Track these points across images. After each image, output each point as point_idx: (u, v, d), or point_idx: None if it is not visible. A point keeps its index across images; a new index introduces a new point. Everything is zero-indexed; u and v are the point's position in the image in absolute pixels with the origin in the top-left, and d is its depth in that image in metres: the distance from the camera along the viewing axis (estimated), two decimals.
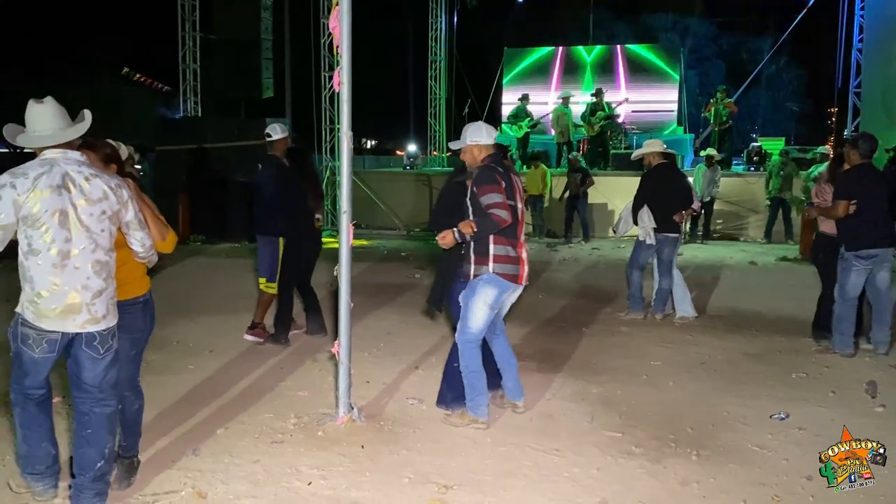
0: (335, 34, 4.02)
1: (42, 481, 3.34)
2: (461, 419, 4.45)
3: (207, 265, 10.55)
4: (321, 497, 3.51)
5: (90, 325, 3.13)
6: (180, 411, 4.62)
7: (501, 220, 4.12)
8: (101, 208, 3.14)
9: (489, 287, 4.27)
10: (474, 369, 4.35)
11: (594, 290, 8.80)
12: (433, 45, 19.67)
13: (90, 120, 3.29)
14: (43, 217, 3.02)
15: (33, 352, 3.13)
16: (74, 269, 3.08)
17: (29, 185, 3.01)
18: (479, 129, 4.41)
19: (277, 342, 6.23)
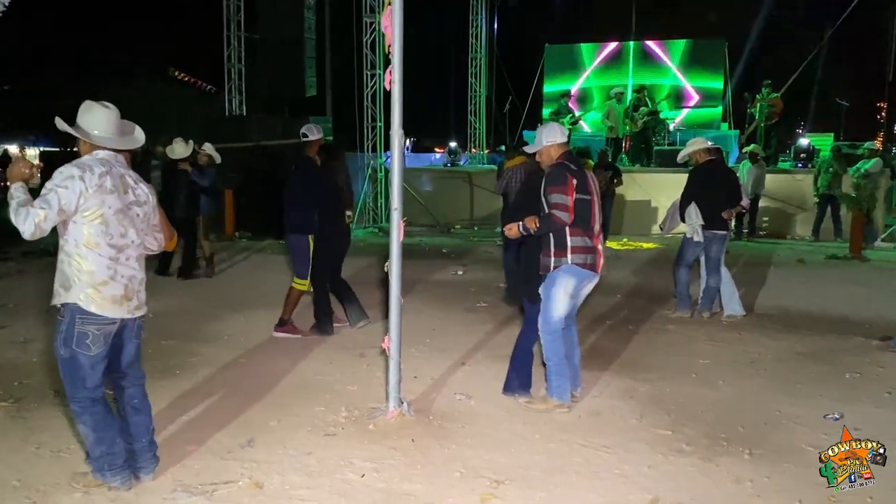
0: (387, 33, 4.07)
1: (121, 474, 3.48)
2: (545, 404, 4.63)
3: (254, 261, 10.72)
4: (375, 489, 3.56)
5: (137, 310, 3.48)
6: (233, 403, 4.72)
7: (560, 222, 4.38)
8: (145, 210, 3.51)
9: (568, 277, 4.48)
10: (559, 357, 4.57)
11: (639, 287, 8.74)
12: (473, 43, 19.66)
13: (142, 137, 3.57)
14: (105, 212, 3.27)
15: (90, 351, 3.30)
16: (127, 260, 3.40)
17: (95, 181, 3.25)
18: (554, 130, 4.62)
19: (325, 333, 6.40)
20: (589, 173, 4.62)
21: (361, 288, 7.90)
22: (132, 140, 3.53)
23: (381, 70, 15.48)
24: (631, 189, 14.06)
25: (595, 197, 4.56)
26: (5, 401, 4.70)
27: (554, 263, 4.50)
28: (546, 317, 4.56)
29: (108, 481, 3.46)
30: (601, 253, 4.62)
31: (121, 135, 3.46)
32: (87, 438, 3.44)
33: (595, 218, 4.56)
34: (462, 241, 13.44)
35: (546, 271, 4.56)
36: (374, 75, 15.49)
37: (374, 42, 15.47)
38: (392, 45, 4.06)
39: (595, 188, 4.61)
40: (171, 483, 3.58)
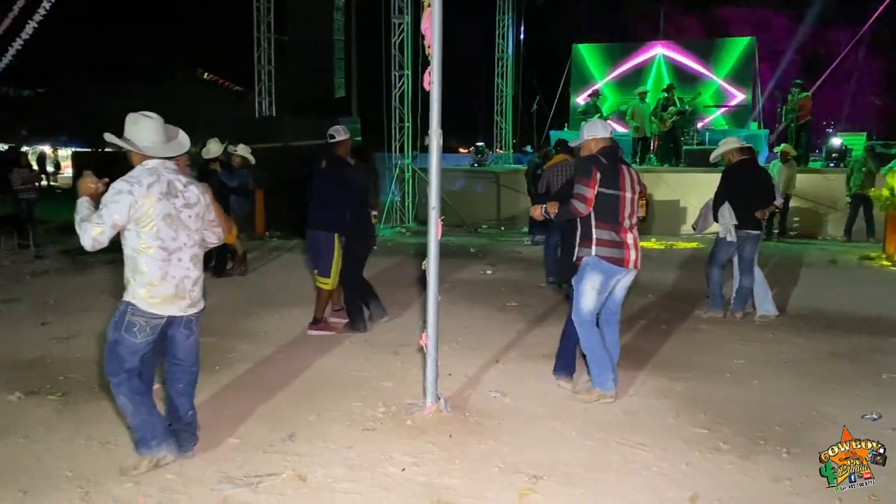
0: (427, 35, 4.12)
1: (163, 442, 3.70)
2: (589, 395, 4.76)
3: (286, 260, 10.84)
4: (415, 483, 3.62)
5: (190, 308, 3.70)
6: (273, 398, 4.81)
7: (575, 211, 4.54)
8: (197, 210, 3.71)
9: (594, 271, 4.58)
10: (594, 347, 4.68)
11: (670, 287, 8.72)
12: (500, 43, 19.67)
13: (187, 142, 3.76)
14: (154, 219, 3.52)
15: (136, 339, 3.57)
16: (178, 261, 3.62)
17: (144, 192, 3.49)
18: (595, 125, 4.76)
19: (358, 330, 6.51)
20: (628, 170, 4.70)
21: (392, 287, 8.02)
22: (178, 145, 3.71)
23: (409, 71, 15.58)
24: (660, 189, 14.00)
25: (628, 192, 4.62)
26: (53, 394, 4.84)
27: (580, 253, 4.65)
28: (577, 308, 4.70)
29: (153, 452, 3.66)
30: (632, 247, 4.65)
31: (167, 141, 3.66)
32: (126, 410, 3.66)
33: (625, 213, 4.62)
34: (489, 240, 13.47)
35: (576, 260, 4.69)
36: (401, 76, 15.58)
37: (401, 43, 15.57)
38: (431, 46, 4.12)
39: (631, 184, 4.66)
40: (216, 475, 3.67)
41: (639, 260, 4.71)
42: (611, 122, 17.14)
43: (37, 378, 5.20)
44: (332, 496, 3.48)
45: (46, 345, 6.07)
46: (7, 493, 3.48)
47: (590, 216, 4.58)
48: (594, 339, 4.70)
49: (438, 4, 4.07)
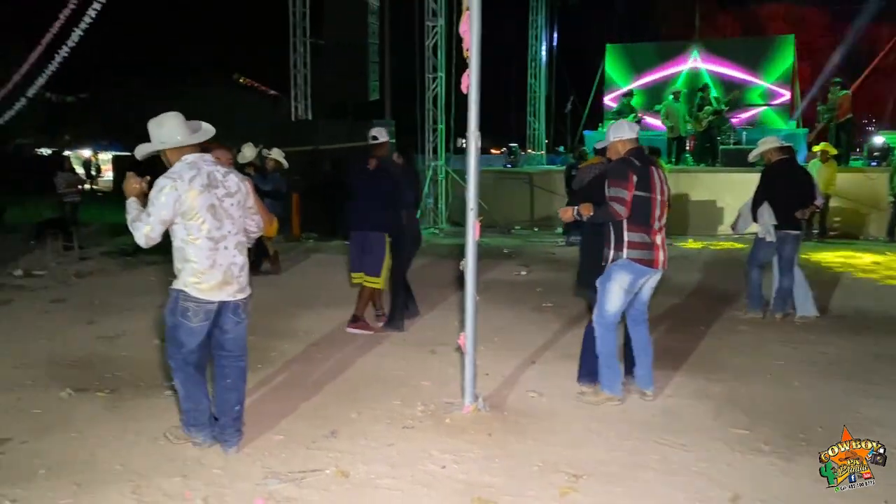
0: (465, 38, 4.17)
1: (203, 432, 3.95)
2: (596, 397, 4.73)
3: (322, 262, 10.96)
4: (456, 481, 3.66)
5: (239, 293, 3.85)
6: (314, 396, 4.89)
7: (615, 214, 4.47)
8: (238, 199, 3.85)
9: (624, 272, 4.55)
10: (610, 351, 4.67)
11: (708, 288, 8.65)
12: (533, 44, 19.69)
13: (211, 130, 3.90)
14: (199, 211, 3.66)
15: (191, 322, 3.75)
16: (225, 249, 3.77)
17: (186, 186, 3.62)
18: (622, 126, 4.72)
19: (397, 329, 6.61)
20: (657, 171, 4.67)
21: (427, 287, 8.07)
22: (205, 133, 3.87)
23: (443, 73, 15.65)
24: (696, 189, 13.89)
25: (658, 195, 4.59)
26: (102, 391, 4.98)
27: (612, 256, 4.60)
28: (601, 310, 4.65)
29: (192, 436, 3.93)
30: (661, 247, 4.64)
31: (193, 132, 3.82)
32: (180, 393, 3.92)
33: (655, 215, 4.58)
34: (523, 241, 13.48)
35: (605, 263, 4.66)
36: (435, 78, 15.66)
37: (435, 46, 15.64)
38: (470, 49, 4.16)
39: (661, 186, 4.64)
40: (261, 470, 3.75)
41: (667, 260, 4.70)
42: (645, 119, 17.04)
43: (86, 375, 5.35)
44: (374, 492, 3.54)
45: (93, 343, 6.24)
46: (63, 485, 3.60)
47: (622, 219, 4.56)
48: (612, 343, 4.68)
49: (477, 8, 4.12)
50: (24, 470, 3.77)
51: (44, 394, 4.96)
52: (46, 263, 10.39)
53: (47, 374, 5.37)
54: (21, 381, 5.22)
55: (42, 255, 11.00)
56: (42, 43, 10.39)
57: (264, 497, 3.47)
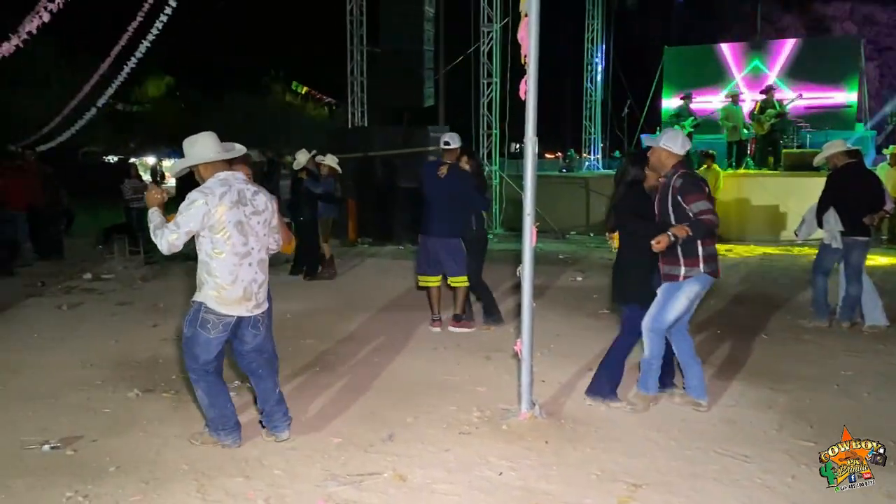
0: (523, 44, 4.17)
1: (231, 434, 4.08)
2: (642, 400, 4.71)
3: (377, 266, 11.08)
4: (513, 487, 3.66)
5: (256, 309, 3.98)
6: (371, 399, 4.95)
7: (714, 225, 4.43)
8: (265, 217, 3.98)
9: (698, 285, 4.55)
10: (659, 356, 4.67)
11: (770, 295, 8.43)
12: (589, 48, 19.53)
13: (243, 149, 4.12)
14: (226, 226, 3.80)
15: (209, 333, 3.88)
16: (248, 266, 3.90)
17: (216, 201, 3.77)
18: (676, 138, 4.63)
19: (498, 322, 6.90)
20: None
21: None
22: (236, 150, 4.04)
23: (497, 78, 15.66)
24: (757, 193, 13.56)
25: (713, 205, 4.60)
26: (167, 392, 5.14)
27: (685, 273, 4.52)
28: (660, 317, 4.59)
29: (221, 439, 4.05)
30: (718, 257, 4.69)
31: (222, 151, 3.98)
32: (203, 402, 4.04)
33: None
34: (578, 247, 13.36)
35: (674, 279, 4.56)
36: (490, 84, 15.68)
37: (490, 51, 15.67)
38: (528, 55, 4.16)
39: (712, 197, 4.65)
40: (321, 472, 3.81)
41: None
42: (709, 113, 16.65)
43: (151, 376, 5.53)
44: (431, 497, 3.56)
45: (158, 345, 6.44)
46: (131, 482, 3.73)
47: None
48: (661, 349, 4.68)
49: (535, 14, 4.12)
50: (95, 467, 3.92)
51: (112, 393, 5.14)
52: (113, 267, 10.77)
53: (116, 375, 5.56)
54: (91, 380, 5.42)
55: (109, 260, 11.41)
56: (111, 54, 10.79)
57: (324, 499, 3.53)
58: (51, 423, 4.56)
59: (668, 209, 4.53)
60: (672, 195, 4.50)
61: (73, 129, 14.43)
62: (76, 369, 5.70)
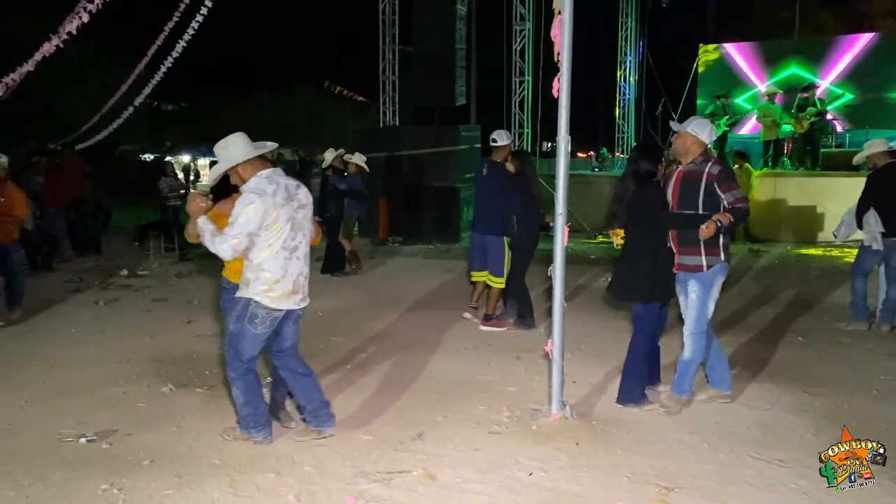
0: (556, 42, 4.14)
1: (263, 431, 4.12)
2: (676, 403, 4.66)
3: (406, 265, 11.10)
4: (543, 488, 3.64)
5: (302, 302, 4.02)
6: (401, 398, 4.96)
7: (748, 213, 4.50)
8: (306, 211, 4.02)
9: (720, 276, 4.54)
10: (700, 358, 4.64)
11: (807, 298, 8.26)
12: (622, 46, 19.36)
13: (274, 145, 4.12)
14: (280, 222, 3.82)
15: (256, 329, 3.89)
16: (297, 260, 3.93)
17: (270, 200, 3.79)
18: (705, 125, 4.62)
19: (529, 327, 6.83)
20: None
21: None
22: (266, 146, 4.02)
23: (530, 77, 15.60)
24: (794, 194, 13.32)
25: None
26: (201, 387, 5.20)
27: (708, 262, 4.49)
28: (700, 316, 4.56)
29: (252, 436, 4.11)
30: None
31: (255, 148, 3.96)
32: (238, 401, 4.05)
33: None
34: (609, 247, 13.23)
35: (695, 271, 4.52)
36: (522, 82, 15.63)
37: (522, 49, 15.61)
38: (561, 53, 4.13)
39: None
40: (351, 470, 3.83)
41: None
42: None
43: (185, 372, 5.60)
44: (461, 496, 3.56)
45: (193, 342, 6.52)
46: (164, 476, 3.78)
47: None
48: (703, 351, 4.64)
49: (569, 11, 4.08)
50: (129, 460, 3.98)
51: (147, 388, 5.23)
52: (149, 264, 10.94)
53: (150, 370, 5.65)
54: (127, 375, 5.51)
55: (145, 257, 11.59)
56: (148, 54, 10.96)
57: (354, 496, 3.54)
58: (87, 416, 4.65)
59: (699, 196, 4.47)
60: (706, 182, 4.46)
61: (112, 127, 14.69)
62: (112, 364, 5.80)
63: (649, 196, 4.63)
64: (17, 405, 4.87)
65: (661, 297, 4.73)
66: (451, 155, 13.69)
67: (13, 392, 5.12)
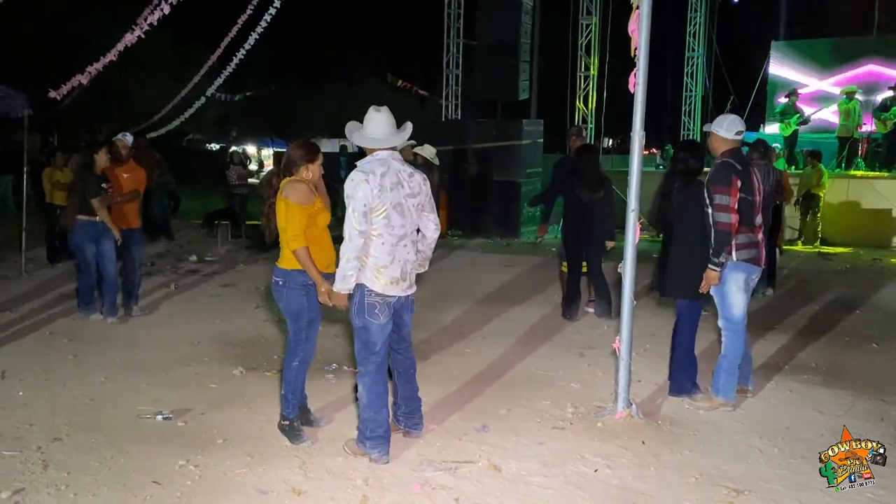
0: (634, 37, 4.10)
1: (379, 445, 3.81)
2: (709, 402, 4.66)
3: (467, 258, 11.13)
4: (609, 485, 3.63)
5: (409, 289, 3.90)
6: (464, 390, 5.01)
7: (725, 225, 4.42)
8: (418, 200, 3.86)
9: (737, 272, 4.56)
10: (738, 356, 4.64)
11: (882, 304, 8.00)
12: (690, 41, 18.92)
13: (411, 129, 3.95)
14: (386, 207, 3.69)
15: (378, 320, 3.78)
16: (403, 247, 3.80)
17: (378, 181, 3.68)
18: (722, 121, 4.65)
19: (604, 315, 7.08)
20: (757, 173, 4.67)
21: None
22: (401, 136, 3.87)
23: (595, 72, 15.43)
24: (868, 196, 12.86)
25: (758, 196, 4.58)
26: (270, 371, 5.35)
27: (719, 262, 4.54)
28: (726, 315, 4.62)
29: (367, 451, 3.83)
30: (763, 245, 4.66)
31: (394, 133, 3.84)
32: (362, 400, 3.87)
33: (757, 215, 4.59)
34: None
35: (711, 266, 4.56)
36: (587, 77, 15.47)
37: (588, 44, 15.44)
38: (638, 48, 4.09)
39: (759, 186, 4.62)
40: (417, 458, 3.88)
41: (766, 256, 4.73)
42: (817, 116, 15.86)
43: (254, 355, 5.76)
44: (527, 488, 3.58)
45: (260, 326, 6.69)
46: (237, 455, 3.91)
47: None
48: (742, 348, 4.65)
49: (647, 6, 4.04)
50: (203, 439, 4.13)
51: (218, 370, 5.39)
52: (217, 251, 11.24)
53: (220, 353, 5.82)
54: (198, 357, 5.69)
55: (213, 243, 11.91)
56: (221, 46, 11.24)
57: (420, 483, 3.60)
58: (163, 394, 4.83)
59: (705, 199, 4.54)
60: (706, 183, 4.55)
61: (184, 116, 15.12)
62: (185, 346, 6.00)
63: (694, 193, 4.69)
64: (96, 382, 5.09)
65: (696, 293, 4.74)
66: (513, 149, 13.65)
67: (94, 369, 5.35)
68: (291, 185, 3.99)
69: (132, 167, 7.16)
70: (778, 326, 6.84)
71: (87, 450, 3.95)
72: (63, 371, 5.29)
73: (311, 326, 4.21)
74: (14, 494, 3.44)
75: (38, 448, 3.96)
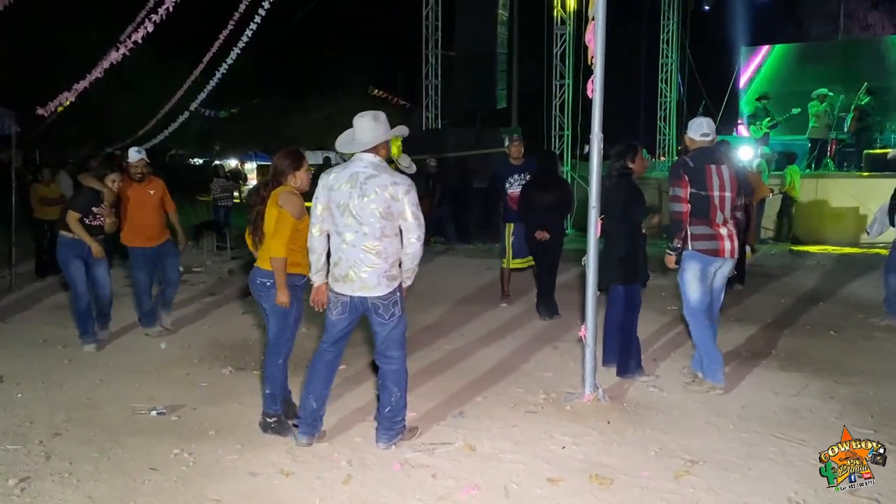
0: (590, 46, 4.43)
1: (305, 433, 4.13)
2: (700, 386, 4.99)
3: (449, 264, 11.40)
4: (575, 459, 3.92)
5: (363, 291, 3.89)
6: (443, 381, 5.29)
7: (677, 213, 4.92)
8: (377, 205, 3.79)
9: (692, 262, 4.95)
10: (705, 338, 4.95)
11: (842, 295, 8.37)
12: (664, 48, 19.39)
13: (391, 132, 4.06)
14: (333, 207, 3.88)
15: (331, 314, 4.01)
16: (352, 247, 3.85)
17: (327, 180, 3.93)
18: (692, 124, 5.10)
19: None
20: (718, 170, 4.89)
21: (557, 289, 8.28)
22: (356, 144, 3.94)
23: (570, 80, 15.82)
24: (836, 195, 13.30)
25: (717, 191, 4.87)
26: (257, 370, 5.59)
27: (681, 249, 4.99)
28: (684, 301, 5.03)
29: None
30: (726, 238, 4.91)
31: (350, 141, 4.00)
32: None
33: (716, 210, 4.88)
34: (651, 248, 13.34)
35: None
36: (562, 85, 15.84)
37: (563, 53, 15.83)
38: (595, 57, 4.41)
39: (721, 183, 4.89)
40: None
41: (734, 250, 4.96)
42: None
43: (243, 357, 6.01)
44: (498, 464, 3.86)
45: (248, 330, 6.94)
46: (229, 443, 4.17)
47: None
48: (705, 331, 4.97)
49: (602, 17, 4.36)
50: (196, 430, 4.38)
51: (208, 370, 5.64)
52: (203, 261, 11.45)
53: (210, 354, 6.07)
54: (189, 359, 5.94)
55: (199, 254, 12.12)
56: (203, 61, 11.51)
57: (401, 462, 3.87)
58: (156, 393, 5.08)
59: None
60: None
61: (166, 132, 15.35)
62: (175, 349, 6.25)
63: (623, 191, 5.25)
64: (92, 383, 5.32)
65: (641, 277, 5.33)
66: (493, 157, 13.98)
67: (89, 371, 5.59)
68: (288, 196, 4.11)
69: (151, 181, 6.79)
70: (745, 318, 7.17)
71: (86, 442, 4.19)
72: (59, 374, 5.52)
73: (296, 324, 4.48)
74: (21, 482, 3.69)
75: (39, 442, 4.20)
